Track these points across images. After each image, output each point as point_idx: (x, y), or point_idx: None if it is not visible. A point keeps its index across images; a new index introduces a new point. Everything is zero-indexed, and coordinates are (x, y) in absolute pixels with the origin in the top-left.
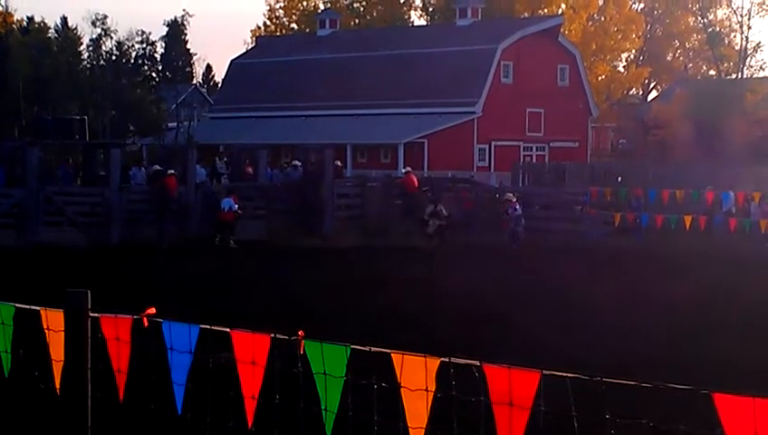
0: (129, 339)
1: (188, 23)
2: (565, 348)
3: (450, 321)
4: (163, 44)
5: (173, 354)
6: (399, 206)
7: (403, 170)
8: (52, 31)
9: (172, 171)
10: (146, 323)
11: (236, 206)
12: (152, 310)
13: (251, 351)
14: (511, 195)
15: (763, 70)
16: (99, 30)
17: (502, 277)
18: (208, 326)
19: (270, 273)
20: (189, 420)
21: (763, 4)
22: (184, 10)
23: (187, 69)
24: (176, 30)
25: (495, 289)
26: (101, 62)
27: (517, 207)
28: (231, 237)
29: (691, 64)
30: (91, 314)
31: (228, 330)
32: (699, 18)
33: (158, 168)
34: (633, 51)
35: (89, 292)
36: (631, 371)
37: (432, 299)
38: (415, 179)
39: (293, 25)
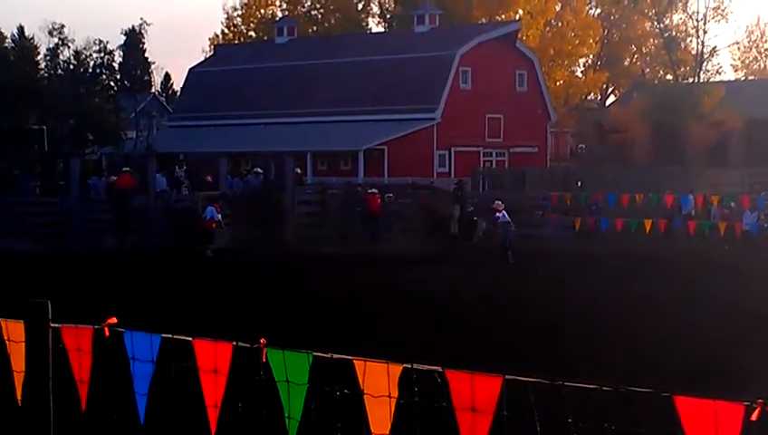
0: (90, 349)
1: (146, 31)
2: (532, 352)
3: (419, 325)
4: (121, 53)
5: (135, 364)
6: (360, 220)
7: (369, 190)
8: (8, 41)
9: (127, 169)
10: (107, 333)
11: (219, 215)
12: (113, 320)
13: (213, 359)
14: (499, 202)
15: (720, 74)
16: (56, 39)
17: (460, 283)
18: (170, 335)
19: (232, 281)
20: (152, 429)
21: (719, 8)
22: (141, 19)
23: (146, 78)
24: (134, 39)
25: (458, 295)
26: (59, 71)
27: (504, 213)
28: (209, 247)
29: (648, 69)
30: (52, 325)
31: (190, 339)
32: (656, 23)
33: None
34: (591, 56)
35: (49, 302)
36: (595, 374)
37: (397, 304)
38: (378, 201)
39: (251, 33)
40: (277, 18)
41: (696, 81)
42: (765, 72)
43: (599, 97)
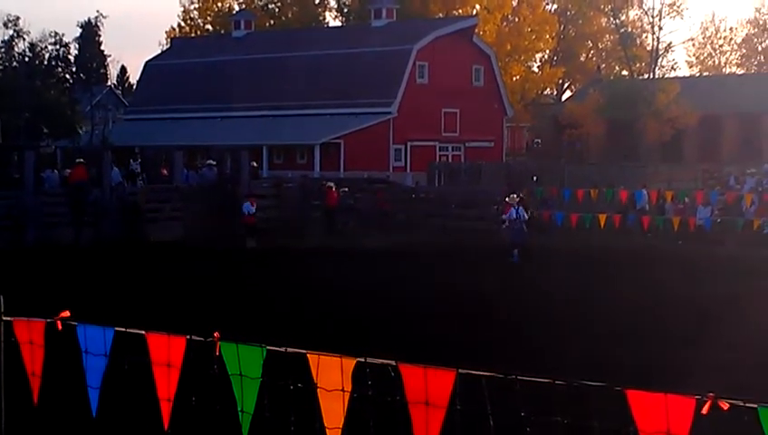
0: (42, 342)
1: (102, 24)
2: (485, 346)
3: (372, 321)
4: (77, 46)
5: (88, 357)
6: (318, 213)
7: (326, 184)
8: None
9: (80, 160)
10: (60, 327)
11: (254, 209)
12: (66, 313)
13: (166, 353)
14: (514, 196)
15: (675, 70)
16: (11, 31)
17: (416, 278)
18: (123, 329)
19: (187, 274)
20: (104, 422)
21: (674, 5)
22: (97, 11)
23: (102, 70)
24: (89, 31)
25: (410, 291)
26: (14, 63)
27: (516, 210)
28: (252, 239)
29: (604, 65)
30: (4, 318)
31: (144, 332)
32: (611, 19)
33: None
34: (547, 51)
35: (2, 296)
36: (551, 369)
37: (348, 299)
38: (335, 195)
39: (208, 26)
40: (234, 12)
41: (652, 77)
42: (720, 68)
43: (555, 92)
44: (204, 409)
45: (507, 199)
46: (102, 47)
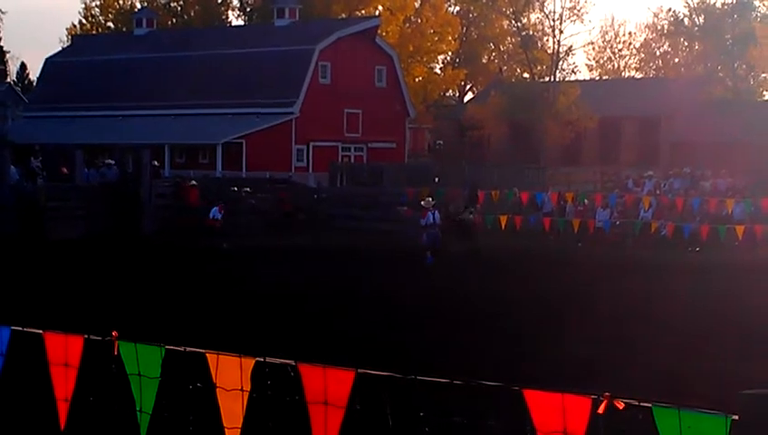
0: None
1: (1, 20)
2: (388, 348)
3: (264, 321)
4: None
5: None
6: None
7: (190, 183)
8: None
9: None
10: None
11: (220, 214)
12: None
13: (64, 352)
14: (430, 200)
15: (575, 73)
16: None
17: (316, 278)
18: (20, 328)
19: (86, 274)
20: (1, 422)
21: (575, 9)
22: None
23: (1, 67)
24: None
25: (314, 289)
26: None
27: (433, 214)
28: (223, 242)
29: (505, 67)
30: None
31: (41, 332)
32: (513, 22)
33: None
34: (449, 53)
35: None
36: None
37: (246, 298)
38: (197, 194)
39: (110, 24)
40: (136, 10)
41: (552, 79)
42: (619, 72)
43: (457, 94)
44: (102, 409)
45: (423, 204)
46: (1, 43)
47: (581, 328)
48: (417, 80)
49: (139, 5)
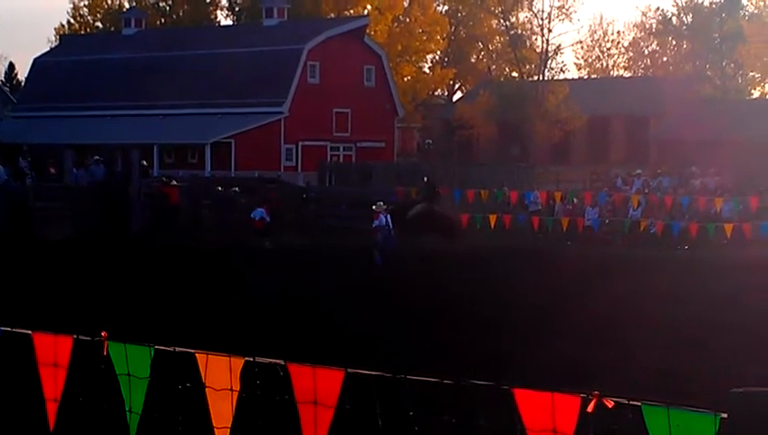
0: None
1: None
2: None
3: (261, 322)
4: None
5: None
6: (155, 213)
7: (173, 182)
8: None
9: None
10: None
11: (268, 217)
12: None
13: (53, 353)
14: (381, 204)
15: (564, 72)
16: None
17: (305, 278)
18: (9, 329)
19: (75, 274)
20: None
21: (563, 8)
22: None
23: None
24: None
25: (304, 290)
26: None
27: (384, 218)
28: (266, 241)
29: (494, 66)
30: None
31: (30, 332)
32: (502, 21)
33: None
34: (438, 52)
35: None
36: (437, 369)
37: (236, 298)
38: (177, 193)
39: (98, 24)
40: (125, 9)
41: (541, 79)
42: (608, 70)
43: (446, 93)
44: (91, 409)
45: (374, 207)
46: None
47: (571, 327)
48: (405, 79)
49: (127, 5)
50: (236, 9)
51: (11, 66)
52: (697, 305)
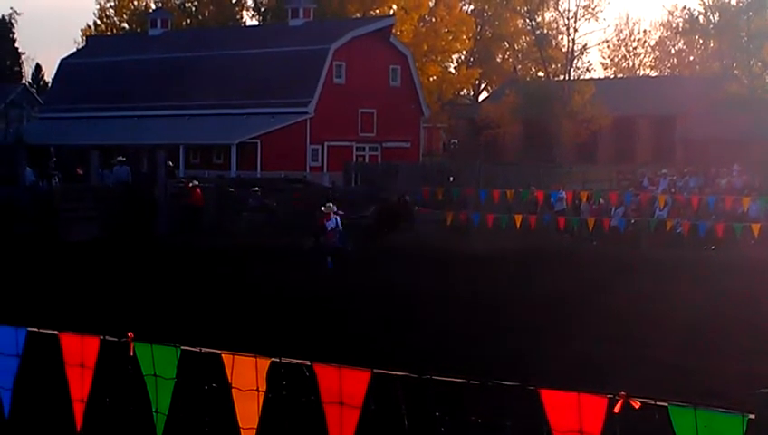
0: None
1: (16, 21)
2: (391, 348)
3: (281, 323)
4: None
5: (0, 358)
6: (183, 215)
7: (191, 183)
8: None
9: None
10: None
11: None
12: None
13: (80, 353)
14: (330, 205)
15: (590, 72)
16: None
17: (327, 278)
18: (36, 329)
19: (101, 274)
20: (17, 424)
21: (589, 7)
22: (11, 8)
23: (16, 68)
24: (3, 29)
25: (330, 289)
26: None
27: (335, 220)
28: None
29: (520, 66)
30: None
31: (57, 333)
32: (527, 20)
33: None
34: (464, 52)
35: None
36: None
37: (260, 299)
38: (199, 194)
39: (125, 25)
40: (151, 10)
41: (567, 78)
42: (634, 70)
43: (471, 93)
44: (118, 409)
45: (323, 209)
46: (17, 45)
47: (596, 327)
48: (431, 79)
49: (153, 6)
50: (262, 9)
51: (38, 68)
52: (723, 305)
